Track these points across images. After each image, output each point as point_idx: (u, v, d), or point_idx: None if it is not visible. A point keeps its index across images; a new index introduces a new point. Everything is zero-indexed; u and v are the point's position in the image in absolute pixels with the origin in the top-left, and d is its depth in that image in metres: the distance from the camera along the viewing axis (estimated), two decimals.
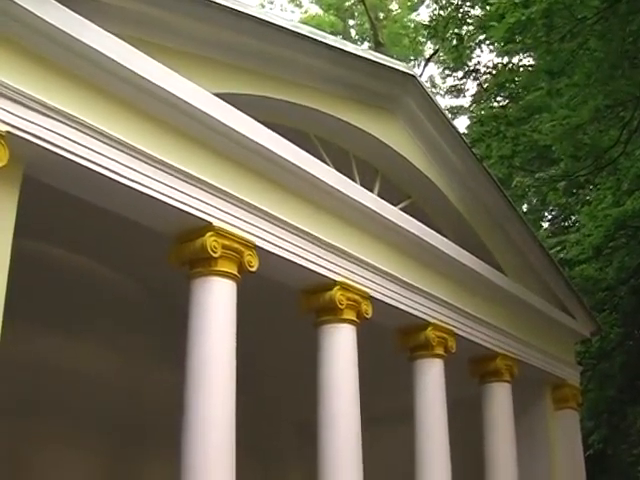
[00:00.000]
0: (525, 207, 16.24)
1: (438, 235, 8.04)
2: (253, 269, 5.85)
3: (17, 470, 7.51)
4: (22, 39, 4.44)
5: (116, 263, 8.76)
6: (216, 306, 5.57)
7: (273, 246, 6.09)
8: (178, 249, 5.70)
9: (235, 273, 5.71)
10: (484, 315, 8.73)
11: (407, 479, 7.59)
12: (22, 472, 7.63)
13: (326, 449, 6.37)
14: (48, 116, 4.54)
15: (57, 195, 5.15)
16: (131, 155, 5.02)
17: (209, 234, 5.54)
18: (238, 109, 5.70)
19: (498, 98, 14.97)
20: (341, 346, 6.69)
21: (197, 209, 5.48)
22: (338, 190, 6.68)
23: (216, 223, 5.59)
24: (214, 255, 5.54)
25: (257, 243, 5.91)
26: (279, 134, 6.07)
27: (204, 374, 5.39)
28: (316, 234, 6.50)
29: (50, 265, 8.09)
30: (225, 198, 5.69)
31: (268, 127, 5.98)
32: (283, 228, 6.19)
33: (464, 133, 12.59)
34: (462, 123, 31.58)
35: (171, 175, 5.30)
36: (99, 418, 8.19)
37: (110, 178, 4.91)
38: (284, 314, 7.56)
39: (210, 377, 5.39)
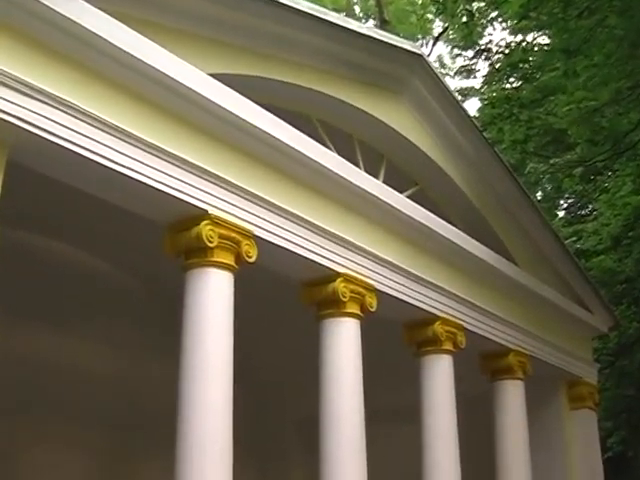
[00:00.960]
0: (539, 195, 16.27)
1: (447, 224, 8.09)
2: (251, 260, 5.89)
3: (11, 470, 7.59)
4: (5, 17, 4.43)
5: (110, 254, 8.83)
6: (212, 298, 5.61)
7: (272, 235, 6.14)
8: (173, 239, 5.74)
9: (232, 264, 5.75)
10: (495, 309, 8.80)
11: None
12: (17, 472, 7.72)
13: (329, 448, 6.44)
14: (34, 98, 4.53)
15: (44, 182, 5.17)
16: (123, 140, 5.04)
17: (205, 223, 5.58)
18: (235, 91, 5.72)
19: (511, 79, 14.96)
20: (344, 341, 6.74)
21: (192, 196, 5.51)
22: (341, 176, 6.72)
23: (212, 211, 5.63)
24: (210, 245, 5.58)
25: (255, 232, 5.96)
26: (279, 117, 6.09)
27: (200, 369, 5.43)
28: (318, 223, 6.55)
29: (38, 256, 8.15)
30: (222, 185, 5.73)
31: (267, 110, 6.00)
32: (283, 216, 6.23)
33: (474, 116, 12.64)
34: (472, 105, 31.47)
35: (165, 161, 5.32)
36: (95, 416, 8.28)
37: (101, 164, 4.93)
38: (284, 308, 7.63)
39: (206, 373, 5.43)
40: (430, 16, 20.40)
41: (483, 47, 15.38)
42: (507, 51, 14.29)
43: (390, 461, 8.98)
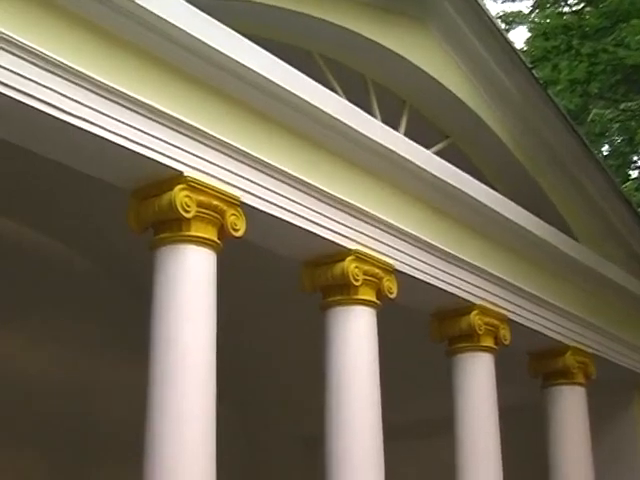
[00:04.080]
0: (606, 149, 16.29)
1: (485, 187, 8.19)
2: (238, 233, 6.00)
3: None
4: None
5: (60, 230, 8.96)
6: (189, 282, 5.72)
7: (264, 203, 6.25)
8: (139, 208, 5.86)
9: (214, 239, 5.86)
10: (549, 295, 8.95)
11: None
12: None
13: (337, 467, 6.63)
14: None
15: None
16: (75, 84, 5.10)
17: (179, 187, 5.67)
18: (219, 20, 5.77)
19: (570, 1, 14.94)
20: (356, 334, 6.90)
21: (163, 154, 5.60)
22: (351, 128, 6.78)
23: (188, 172, 5.72)
24: (186, 215, 5.68)
25: (243, 199, 6.06)
26: (271, 52, 6.15)
27: (174, 370, 5.56)
28: (322, 187, 6.65)
29: None
30: (198, 139, 5.81)
31: (256, 43, 6.06)
32: (277, 179, 6.33)
33: (522, 49, 12.63)
34: (519, 36, 31.44)
35: (127, 109, 5.39)
36: (38, 429, 8.43)
37: (49, 114, 5.01)
38: (282, 292, 7.73)
39: (181, 372, 5.55)
40: None
41: None
42: None
43: None
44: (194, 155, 5.79)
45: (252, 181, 6.16)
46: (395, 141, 7.24)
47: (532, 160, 9.15)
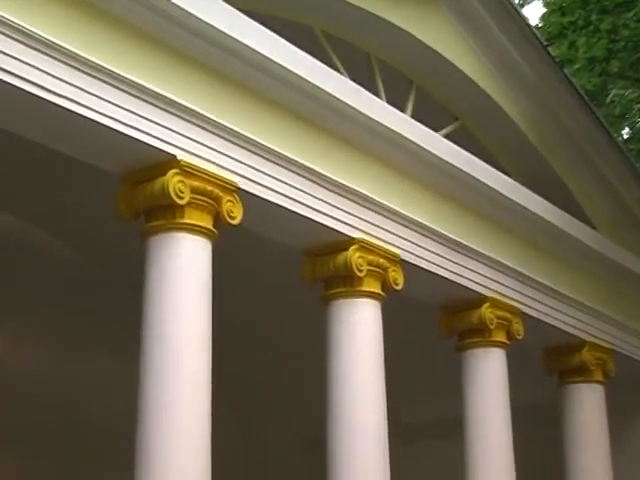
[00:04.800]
0: (626, 132, 16.26)
1: (497, 172, 8.20)
2: (235, 221, 6.01)
3: None
4: None
5: (45, 219, 8.97)
6: (182, 273, 5.73)
7: (262, 189, 6.26)
8: (129, 194, 5.86)
9: (209, 227, 5.87)
10: (565, 287, 8.98)
11: None
12: None
13: (340, 467, 6.65)
14: None
15: None
16: (59, 60, 5.08)
17: (172, 172, 5.67)
18: None
19: None
20: (360, 328, 6.91)
21: (155, 137, 5.59)
22: (355, 109, 6.78)
23: (182, 156, 5.73)
24: (180, 202, 5.69)
25: (241, 185, 6.08)
26: (270, 29, 6.14)
27: (166, 365, 5.56)
28: (324, 172, 6.66)
29: None
30: (192, 121, 5.80)
31: (254, 20, 6.05)
32: (276, 163, 6.34)
33: (536, 26, 12.60)
34: (534, 12, 31.29)
35: (116, 88, 5.37)
36: (22, 431, 8.45)
37: (31, 93, 4.98)
38: (281, 284, 7.74)
39: (175, 370, 5.56)
40: None
41: None
42: None
43: None
44: (188, 138, 5.78)
45: (250, 166, 6.15)
46: (401, 123, 7.24)
47: (547, 144, 9.14)
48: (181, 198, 5.69)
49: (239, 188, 6.05)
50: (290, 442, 11.28)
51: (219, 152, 5.96)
